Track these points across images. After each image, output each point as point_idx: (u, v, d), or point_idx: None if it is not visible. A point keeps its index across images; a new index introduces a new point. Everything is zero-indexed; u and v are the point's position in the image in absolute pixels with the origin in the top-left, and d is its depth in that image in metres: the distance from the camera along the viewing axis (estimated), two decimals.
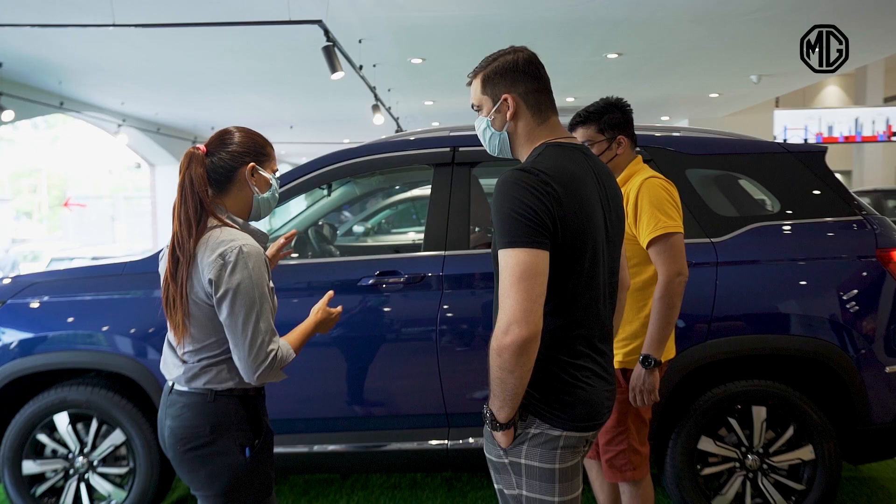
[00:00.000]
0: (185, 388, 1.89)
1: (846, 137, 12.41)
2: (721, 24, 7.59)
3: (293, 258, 4.03)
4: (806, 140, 12.18)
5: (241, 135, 1.95)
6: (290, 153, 22.19)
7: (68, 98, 11.40)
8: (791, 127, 12.44)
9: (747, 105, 14.73)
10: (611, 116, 2.44)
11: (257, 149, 1.94)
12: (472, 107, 1.75)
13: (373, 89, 9.40)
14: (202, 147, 1.93)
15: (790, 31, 7.28)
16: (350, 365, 3.02)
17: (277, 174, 2.05)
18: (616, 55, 9.18)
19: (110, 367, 3.04)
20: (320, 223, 4.98)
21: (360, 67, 8.27)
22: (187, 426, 1.86)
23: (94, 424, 3.10)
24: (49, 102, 10.87)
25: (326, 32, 5.96)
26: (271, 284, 1.92)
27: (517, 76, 1.66)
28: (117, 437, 3.09)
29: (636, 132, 3.07)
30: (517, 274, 1.46)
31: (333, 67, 6.27)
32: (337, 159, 3.20)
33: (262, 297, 1.80)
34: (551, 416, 1.59)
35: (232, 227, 1.88)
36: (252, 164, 1.91)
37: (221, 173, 1.91)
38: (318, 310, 2.05)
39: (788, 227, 2.99)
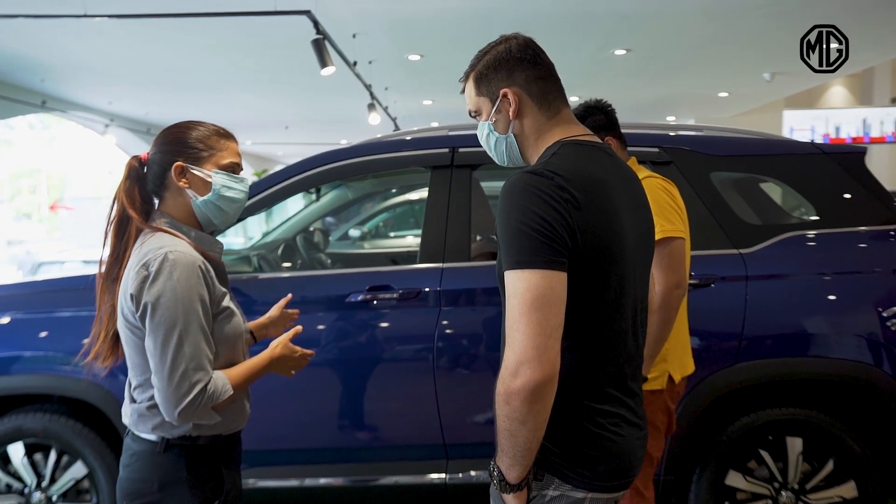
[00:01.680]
0: (137, 434, 1.63)
1: (854, 138, 12.20)
2: (734, 19, 7.43)
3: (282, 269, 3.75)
4: (813, 141, 11.95)
5: (171, 129, 1.66)
6: (287, 154, 22.04)
7: (52, 97, 11.14)
8: (797, 128, 12.21)
9: (756, 105, 14.61)
10: (593, 119, 2.30)
11: (187, 141, 1.63)
12: (470, 114, 1.50)
13: (368, 87, 9.19)
14: (144, 154, 1.66)
15: (804, 29, 7.10)
16: (339, 390, 2.80)
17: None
18: (624, 51, 9.00)
19: (70, 393, 2.80)
20: (311, 229, 4.71)
21: (355, 64, 8.02)
22: (134, 479, 1.60)
23: (53, 456, 2.84)
24: (30, 101, 10.57)
25: (316, 24, 5.72)
26: (225, 304, 1.62)
27: (513, 66, 1.41)
28: (79, 469, 2.83)
29: (654, 131, 2.90)
30: (528, 301, 1.22)
31: (324, 62, 6.03)
32: (326, 161, 2.97)
33: (189, 315, 1.50)
34: (574, 474, 1.33)
35: (169, 232, 1.59)
36: (178, 163, 1.61)
37: (153, 180, 1.64)
38: (277, 343, 1.72)
39: (827, 237, 2.74)
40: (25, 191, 27.05)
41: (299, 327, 1.81)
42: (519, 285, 1.23)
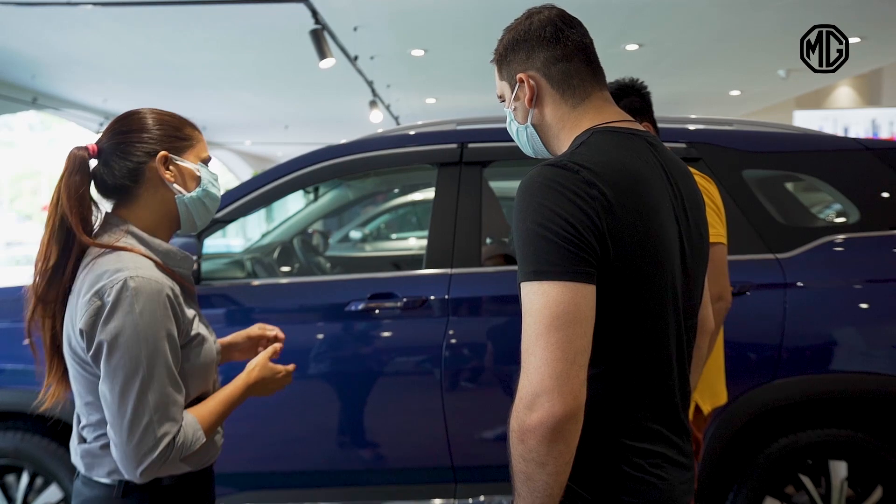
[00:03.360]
0: (89, 476, 1.39)
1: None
2: (749, 12, 7.26)
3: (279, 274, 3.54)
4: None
5: (133, 116, 1.42)
6: (287, 154, 21.92)
7: (43, 94, 10.94)
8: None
9: (768, 104, 14.55)
10: (628, 101, 2.09)
11: (168, 131, 1.41)
12: (499, 99, 1.34)
13: (370, 84, 9.01)
14: (92, 145, 1.40)
15: (824, 21, 6.99)
16: (338, 408, 2.62)
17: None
18: (636, 46, 8.80)
19: (45, 410, 2.54)
20: (310, 231, 4.51)
21: (356, 58, 7.81)
22: None
23: (25, 478, 2.65)
24: (21, 98, 10.37)
25: (314, 14, 5.52)
26: (195, 331, 1.38)
27: (532, 46, 1.24)
28: (53, 493, 2.63)
29: (680, 124, 2.71)
30: (547, 320, 1.03)
31: (322, 53, 5.82)
32: (323, 158, 2.79)
33: (155, 356, 1.27)
34: None
35: (129, 249, 1.35)
36: (163, 152, 1.39)
37: (121, 174, 1.38)
38: (255, 366, 1.50)
39: (873, 241, 2.55)
40: (27, 192, 27.00)
41: (278, 345, 1.59)
42: (536, 300, 1.04)
